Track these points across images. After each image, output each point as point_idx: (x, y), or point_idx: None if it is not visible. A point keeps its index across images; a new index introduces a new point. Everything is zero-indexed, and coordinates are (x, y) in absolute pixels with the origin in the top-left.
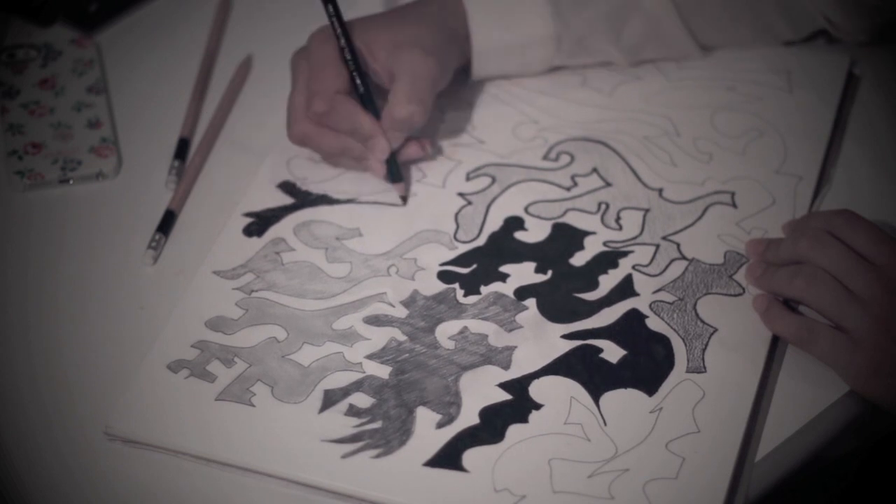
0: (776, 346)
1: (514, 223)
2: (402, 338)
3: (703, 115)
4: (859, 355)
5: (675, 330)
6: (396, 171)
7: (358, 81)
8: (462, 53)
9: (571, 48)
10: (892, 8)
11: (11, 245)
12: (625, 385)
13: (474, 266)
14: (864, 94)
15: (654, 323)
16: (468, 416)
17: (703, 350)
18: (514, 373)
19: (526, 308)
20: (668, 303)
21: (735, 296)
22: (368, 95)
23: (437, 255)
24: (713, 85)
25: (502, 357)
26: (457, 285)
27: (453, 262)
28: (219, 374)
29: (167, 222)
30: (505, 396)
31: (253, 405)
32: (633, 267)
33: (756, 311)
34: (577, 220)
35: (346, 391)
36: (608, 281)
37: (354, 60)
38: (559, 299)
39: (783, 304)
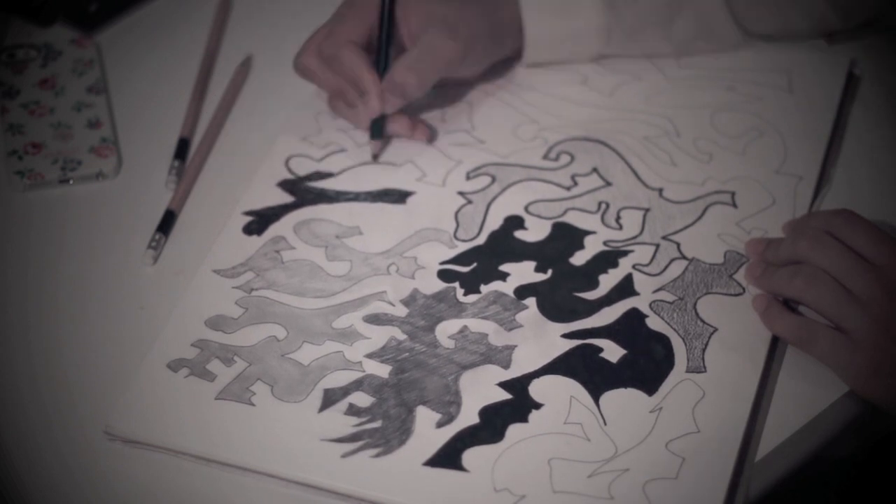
0: (776, 346)
1: (515, 222)
2: (402, 337)
3: (704, 114)
4: (859, 356)
5: (675, 329)
6: (378, 131)
7: (383, 37)
8: (504, 45)
9: (622, 39)
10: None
11: (11, 245)
12: (625, 385)
13: (474, 265)
14: (864, 94)
15: (654, 322)
16: (468, 416)
17: (703, 350)
18: (514, 372)
19: (526, 307)
20: (669, 302)
21: (735, 295)
22: (385, 54)
23: (437, 254)
24: (713, 85)
25: (502, 356)
26: (457, 284)
27: (453, 260)
28: (218, 373)
29: (167, 222)
30: (505, 396)
31: (253, 404)
32: (634, 266)
33: (756, 310)
34: (577, 220)
35: (345, 390)
36: (608, 280)
37: (389, 18)
38: (559, 298)
39: (783, 304)
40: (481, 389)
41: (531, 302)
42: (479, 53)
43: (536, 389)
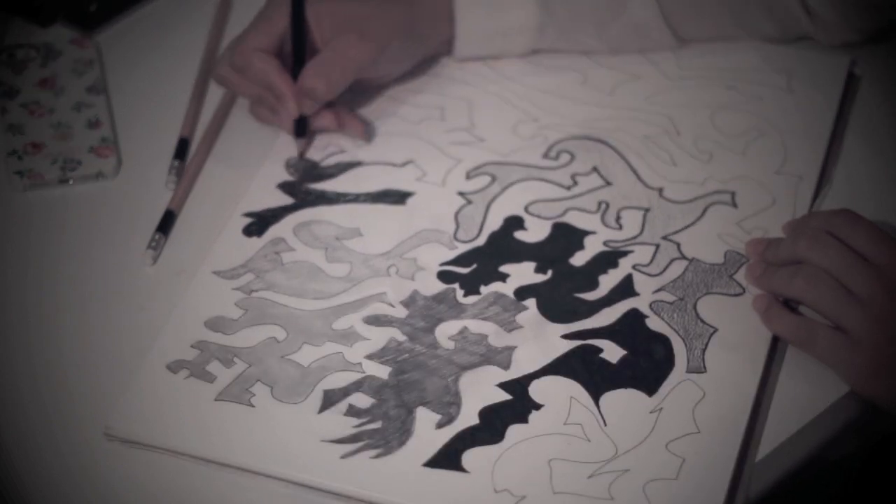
0: (776, 346)
1: (514, 223)
2: (402, 338)
3: (704, 114)
4: (859, 355)
5: (675, 330)
6: (302, 129)
7: (295, 43)
8: (428, 41)
9: (554, 37)
10: (891, 8)
11: (11, 245)
12: (625, 385)
13: (474, 266)
14: (864, 94)
15: (654, 323)
16: (468, 417)
17: (704, 350)
18: (514, 373)
19: (526, 308)
20: (669, 302)
21: (735, 296)
22: (299, 57)
23: (437, 255)
24: (714, 84)
25: (502, 357)
26: (457, 285)
27: (453, 261)
28: (218, 374)
29: (167, 222)
30: (505, 396)
31: (252, 405)
32: (634, 266)
33: (756, 311)
34: (577, 220)
35: (345, 391)
36: (608, 281)
37: (299, 23)
38: (559, 299)
39: (783, 304)
40: (481, 390)
41: (531, 303)
42: (397, 52)
43: (536, 390)
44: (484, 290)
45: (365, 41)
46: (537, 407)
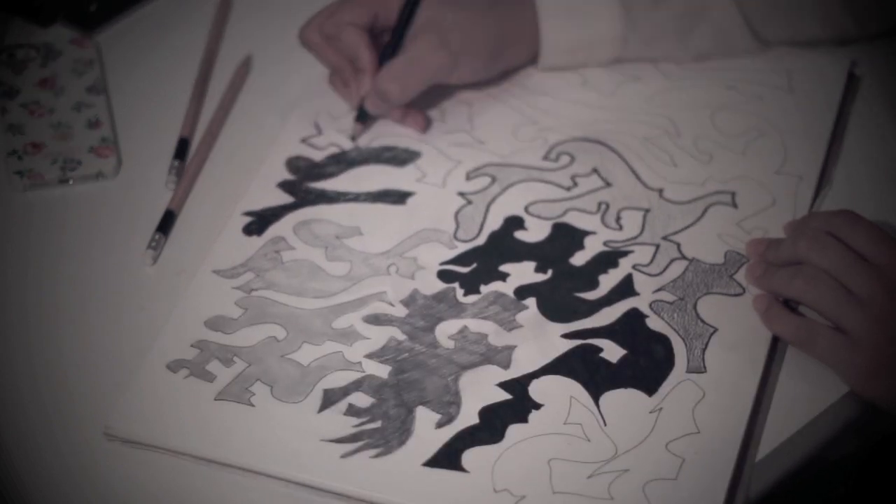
0: (776, 347)
1: (514, 222)
2: (402, 337)
3: (704, 114)
4: (858, 356)
5: (675, 330)
6: (364, 114)
7: (400, 23)
8: (515, 54)
9: (638, 46)
10: None
11: (11, 245)
12: (625, 385)
13: (474, 265)
14: (864, 95)
15: (654, 322)
16: (468, 416)
17: (703, 350)
18: (514, 372)
19: (526, 307)
20: (669, 302)
21: (735, 296)
22: (399, 40)
23: (437, 254)
24: (713, 85)
25: (502, 356)
26: (457, 284)
27: (453, 261)
28: (218, 373)
29: (167, 222)
30: (505, 396)
31: (252, 405)
32: (634, 266)
33: (756, 311)
34: (577, 220)
35: (345, 391)
36: (608, 280)
37: (411, 4)
38: (559, 298)
39: (783, 304)
40: (481, 390)
41: (531, 302)
42: (478, 63)
43: (536, 390)
44: (484, 289)
45: (444, 50)
46: (537, 406)
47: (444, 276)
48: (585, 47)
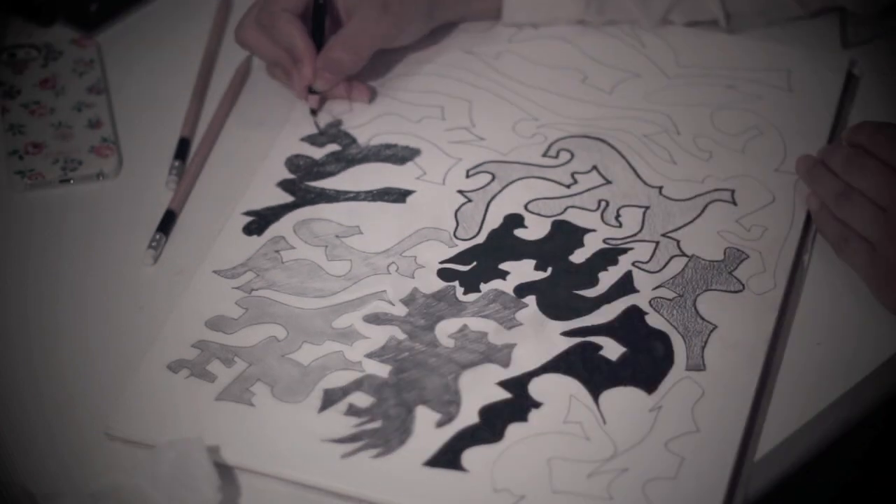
0: (776, 344)
1: (514, 220)
2: (402, 336)
3: (703, 112)
4: (877, 266)
5: (674, 327)
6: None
7: (319, 8)
8: (448, 9)
9: (599, 6)
10: None
11: (11, 245)
12: (624, 383)
13: (474, 264)
14: (863, 94)
15: (653, 320)
16: (468, 415)
17: (703, 347)
18: (514, 371)
19: (526, 305)
20: (668, 299)
21: (735, 292)
22: (321, 25)
23: (437, 253)
24: (713, 83)
25: (502, 355)
26: (456, 283)
27: (453, 259)
28: (219, 373)
29: (167, 222)
30: (504, 395)
31: (253, 405)
32: (633, 264)
33: (807, 206)
34: (576, 218)
35: (345, 390)
36: (608, 278)
37: None
38: (559, 296)
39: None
40: (481, 389)
41: (531, 300)
42: (416, 22)
43: (536, 388)
44: (484, 287)
45: (389, 14)
46: (537, 405)
47: (443, 274)
48: (548, 2)
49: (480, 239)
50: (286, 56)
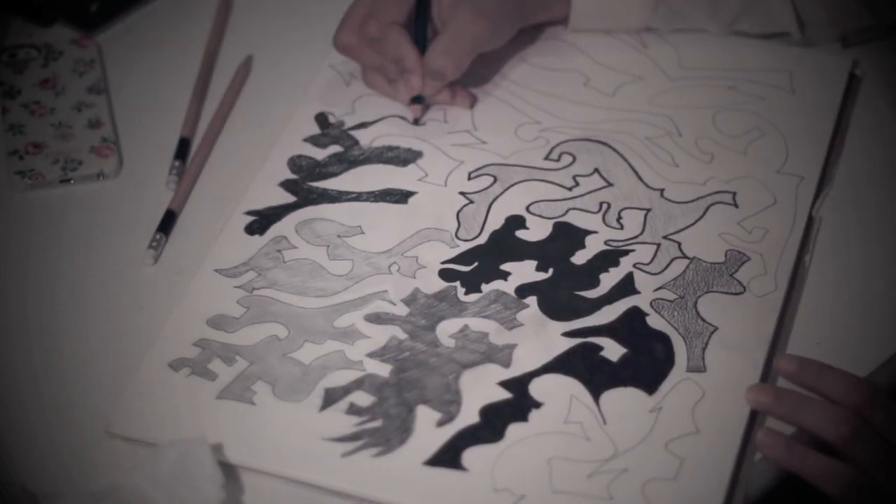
0: (776, 346)
1: (516, 222)
2: (403, 336)
3: (705, 114)
4: None
5: (675, 328)
6: (419, 99)
7: (420, 17)
8: (536, 14)
9: (667, 14)
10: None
11: (12, 245)
12: (625, 384)
13: (475, 264)
14: (865, 95)
15: (654, 321)
16: (468, 415)
17: (704, 349)
18: (515, 371)
19: (527, 306)
20: (669, 301)
21: (736, 294)
22: (422, 32)
23: (439, 253)
24: (715, 84)
25: (503, 355)
26: (458, 283)
27: (454, 260)
28: (220, 372)
29: (168, 222)
30: (505, 395)
31: (254, 403)
32: (634, 265)
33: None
34: (578, 220)
35: (346, 389)
36: (609, 279)
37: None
38: (560, 297)
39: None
40: (482, 388)
41: (532, 301)
42: (509, 26)
43: (537, 388)
44: (485, 288)
45: (482, 18)
46: (537, 405)
47: (445, 274)
48: (615, 10)
49: (482, 240)
50: (392, 66)
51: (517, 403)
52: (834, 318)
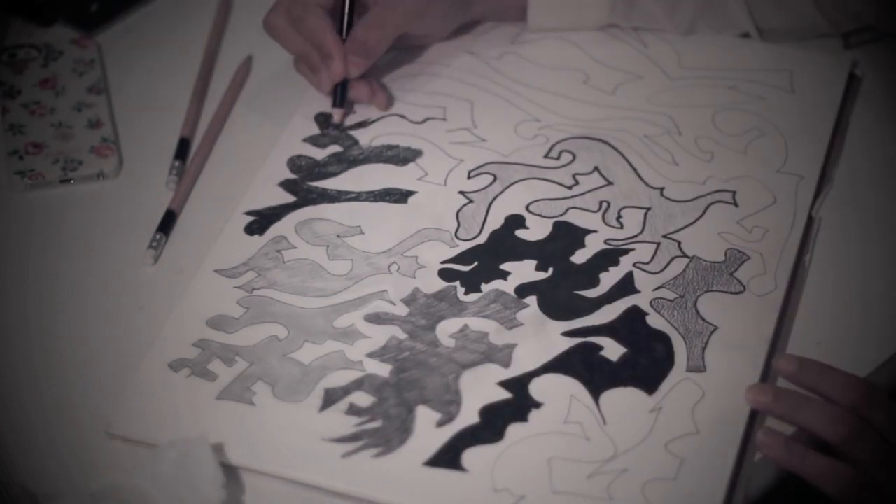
0: (776, 345)
1: (516, 221)
2: (403, 336)
3: (705, 113)
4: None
5: (675, 327)
6: (341, 97)
7: (346, 2)
8: (477, 7)
9: (626, 11)
10: None
11: (12, 245)
12: (625, 384)
13: (475, 264)
14: (865, 95)
15: (654, 320)
16: (468, 415)
17: (704, 348)
18: (515, 371)
19: (527, 305)
20: (669, 300)
21: (736, 293)
22: (349, 20)
23: (438, 253)
24: (715, 84)
25: (503, 355)
26: (457, 283)
27: (454, 259)
28: (220, 373)
29: (168, 222)
30: (505, 395)
31: (253, 404)
32: (634, 264)
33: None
34: (578, 219)
35: (346, 390)
36: (609, 278)
37: None
38: (560, 297)
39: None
40: (481, 389)
41: (532, 300)
42: (441, 8)
43: (536, 388)
44: (485, 287)
45: None
46: (537, 405)
47: (445, 274)
48: (573, 7)
49: (482, 239)
50: (314, 51)
51: (517, 403)
52: (834, 318)
